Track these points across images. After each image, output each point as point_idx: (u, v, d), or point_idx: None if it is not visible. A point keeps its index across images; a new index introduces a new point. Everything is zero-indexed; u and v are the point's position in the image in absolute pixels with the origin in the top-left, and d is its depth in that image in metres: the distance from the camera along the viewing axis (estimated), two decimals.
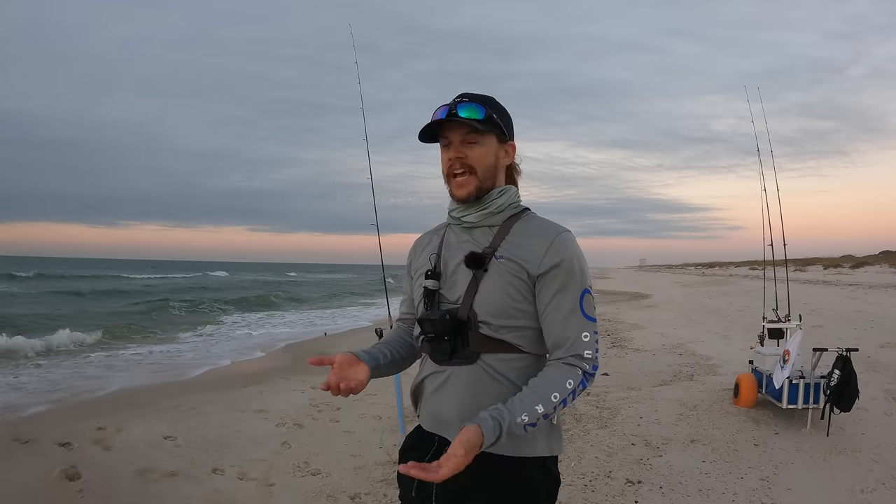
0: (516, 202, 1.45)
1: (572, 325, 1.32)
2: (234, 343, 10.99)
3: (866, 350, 7.21)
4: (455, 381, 1.36)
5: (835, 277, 27.86)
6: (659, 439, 4.25)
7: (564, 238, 1.36)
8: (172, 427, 4.63)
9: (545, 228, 1.38)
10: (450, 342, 1.35)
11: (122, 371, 7.70)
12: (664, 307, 16.68)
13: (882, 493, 3.40)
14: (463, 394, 1.35)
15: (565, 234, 1.37)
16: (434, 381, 1.41)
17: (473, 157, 1.38)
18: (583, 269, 1.35)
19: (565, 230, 1.38)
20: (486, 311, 1.33)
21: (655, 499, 3.33)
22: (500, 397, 1.29)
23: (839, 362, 4.27)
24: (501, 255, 1.35)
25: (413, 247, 1.62)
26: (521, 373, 1.34)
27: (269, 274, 65.70)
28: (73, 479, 3.55)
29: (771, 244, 5.49)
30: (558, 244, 1.34)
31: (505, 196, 1.42)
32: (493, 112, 1.39)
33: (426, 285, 1.42)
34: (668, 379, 6.40)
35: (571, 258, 1.34)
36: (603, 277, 52.30)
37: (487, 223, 1.41)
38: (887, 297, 15.68)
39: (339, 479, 3.64)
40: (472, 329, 1.34)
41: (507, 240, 1.37)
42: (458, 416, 1.33)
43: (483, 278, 1.35)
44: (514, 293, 1.33)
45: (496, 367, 1.34)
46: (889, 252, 48.62)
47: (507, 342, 1.34)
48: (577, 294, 1.33)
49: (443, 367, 1.38)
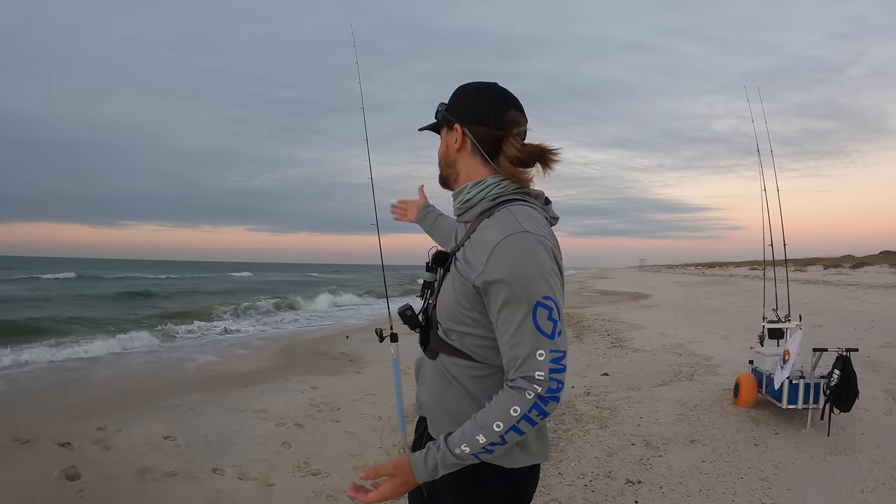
0: (494, 194, 1.30)
1: (520, 343, 1.16)
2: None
3: (866, 350, 7.21)
4: (428, 372, 1.41)
5: (835, 277, 27.86)
6: (659, 439, 4.25)
7: (506, 244, 1.18)
8: (172, 427, 4.63)
9: (493, 231, 1.22)
10: (420, 335, 1.40)
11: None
12: (664, 307, 16.67)
13: (882, 493, 3.41)
14: (431, 385, 1.39)
15: (510, 238, 1.18)
16: (419, 366, 1.47)
17: (439, 152, 1.43)
18: (528, 280, 1.16)
19: (514, 233, 1.19)
20: (440, 313, 1.32)
21: (655, 499, 3.33)
22: (454, 398, 1.31)
23: (839, 362, 4.27)
24: (459, 256, 1.29)
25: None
26: (477, 382, 1.29)
27: (291, 274, 65.95)
28: (73, 479, 3.55)
29: (771, 244, 5.49)
30: (499, 252, 1.18)
31: (475, 189, 1.32)
32: (444, 106, 1.39)
33: (425, 278, 1.44)
34: (668, 379, 6.40)
35: (513, 267, 1.16)
36: (603, 277, 52.32)
37: (464, 219, 1.37)
38: (887, 297, 15.68)
39: (339, 479, 3.64)
40: (434, 328, 1.35)
41: (469, 239, 1.29)
42: (425, 403, 1.41)
43: (445, 278, 1.33)
44: (462, 300, 1.26)
45: (451, 370, 1.32)
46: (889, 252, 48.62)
47: (457, 348, 1.30)
48: (526, 308, 1.16)
49: (425, 357, 1.43)
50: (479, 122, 1.33)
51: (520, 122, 1.34)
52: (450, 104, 1.39)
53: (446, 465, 1.21)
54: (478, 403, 1.26)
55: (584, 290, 28.85)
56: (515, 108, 1.35)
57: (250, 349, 9.83)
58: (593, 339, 9.97)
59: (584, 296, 24.28)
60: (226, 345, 10.32)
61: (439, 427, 1.34)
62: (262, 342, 10.78)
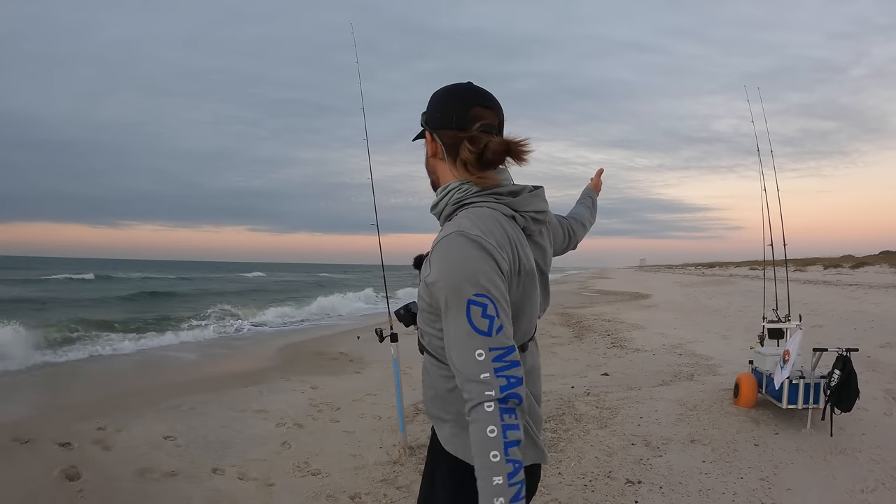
0: (456, 199, 1.29)
1: (461, 347, 1.12)
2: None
3: (866, 350, 7.21)
4: (423, 369, 1.43)
5: (835, 277, 27.87)
6: (659, 439, 4.25)
7: (440, 247, 1.18)
8: (172, 427, 4.63)
9: (440, 233, 1.24)
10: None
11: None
12: (664, 307, 16.67)
13: (882, 493, 3.40)
14: (423, 383, 1.42)
15: (443, 241, 1.18)
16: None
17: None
18: (457, 281, 1.13)
19: (448, 234, 1.19)
20: (419, 315, 1.35)
21: (655, 499, 3.33)
22: (431, 397, 1.38)
23: (839, 362, 4.27)
24: (427, 261, 1.28)
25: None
26: (445, 382, 1.30)
27: (303, 274, 66.07)
28: (73, 479, 3.55)
29: (771, 244, 5.49)
30: (435, 255, 1.19)
31: (440, 195, 1.34)
32: (424, 116, 1.38)
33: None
34: (668, 379, 6.40)
35: (442, 269, 1.16)
36: (603, 277, 52.32)
37: (440, 224, 1.36)
38: (887, 297, 15.68)
39: (339, 479, 3.64)
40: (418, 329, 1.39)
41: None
42: (424, 398, 1.43)
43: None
44: (423, 304, 1.27)
45: (430, 370, 1.36)
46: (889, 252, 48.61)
47: (429, 349, 1.34)
48: (457, 308, 1.13)
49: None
50: (444, 126, 1.32)
51: (484, 117, 1.30)
52: (426, 114, 1.38)
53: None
54: (451, 404, 1.30)
55: (584, 290, 28.85)
56: (481, 104, 1.32)
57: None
58: (593, 339, 9.97)
59: (584, 296, 24.28)
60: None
61: (431, 414, 1.41)
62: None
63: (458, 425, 1.31)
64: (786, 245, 5.49)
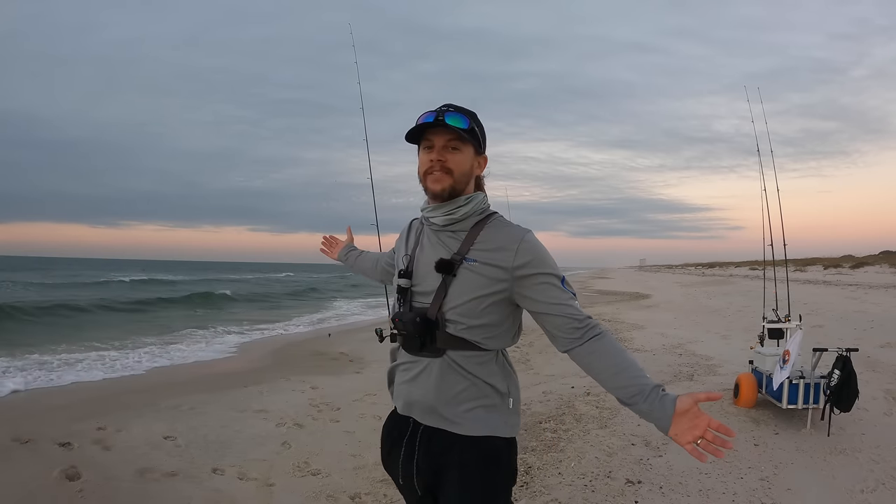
0: (483, 208, 1.57)
1: (566, 305, 1.47)
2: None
3: (866, 350, 7.21)
4: (424, 372, 1.53)
5: (835, 277, 27.87)
6: (659, 439, 4.25)
7: (530, 238, 1.50)
8: (172, 427, 4.63)
9: (511, 232, 1.51)
10: (419, 338, 1.50)
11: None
12: (664, 307, 16.68)
13: (882, 493, 3.41)
14: (430, 383, 1.51)
15: (529, 234, 1.51)
16: (406, 370, 1.58)
17: (453, 162, 1.51)
18: (553, 261, 1.52)
19: (528, 230, 1.52)
20: (454, 313, 1.48)
21: (655, 499, 3.33)
22: (462, 388, 1.50)
23: (839, 362, 4.27)
24: (473, 258, 1.49)
25: (405, 230, 1.75)
26: (482, 367, 1.51)
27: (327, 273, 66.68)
28: (73, 479, 3.55)
29: (771, 244, 5.50)
30: (526, 245, 1.48)
31: (471, 204, 1.54)
32: (475, 125, 1.54)
33: (400, 283, 1.58)
34: (668, 379, 6.40)
35: (543, 254, 1.49)
36: (603, 277, 52.32)
37: (453, 228, 1.54)
38: (887, 297, 15.68)
39: (339, 479, 3.64)
40: (440, 328, 1.49)
41: (476, 244, 1.50)
42: (426, 401, 1.52)
43: (452, 283, 1.49)
44: (482, 295, 1.47)
45: (459, 361, 1.50)
46: (889, 252, 48.60)
47: (470, 340, 1.49)
48: (557, 281, 1.49)
49: (414, 358, 1.55)
50: (485, 153, 1.61)
51: None
52: (481, 132, 1.57)
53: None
54: (483, 383, 1.51)
55: (584, 290, 28.84)
56: None
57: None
58: None
59: (584, 296, 24.27)
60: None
61: (438, 415, 1.51)
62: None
63: (491, 405, 1.52)
64: (786, 245, 5.50)
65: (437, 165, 1.50)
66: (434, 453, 1.52)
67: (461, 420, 1.50)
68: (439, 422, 1.52)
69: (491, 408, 1.52)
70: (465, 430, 1.50)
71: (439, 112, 1.49)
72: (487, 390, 1.51)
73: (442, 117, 1.48)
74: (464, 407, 1.50)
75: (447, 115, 1.48)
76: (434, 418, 1.52)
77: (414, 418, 1.57)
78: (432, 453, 1.52)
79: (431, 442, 1.53)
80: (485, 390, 1.51)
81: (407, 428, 1.58)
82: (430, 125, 1.49)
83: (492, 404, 1.52)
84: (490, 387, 1.51)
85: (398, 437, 1.59)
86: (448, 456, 1.50)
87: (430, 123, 1.49)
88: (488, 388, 1.51)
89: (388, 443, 1.64)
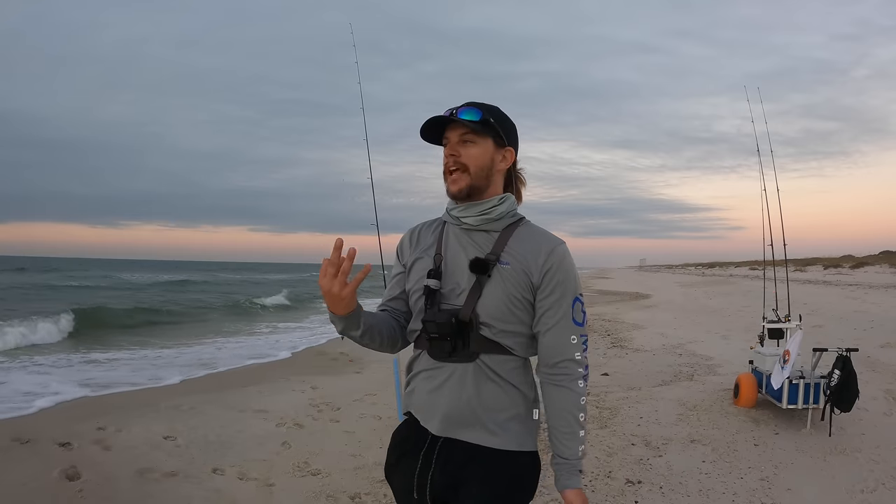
0: (514, 211, 1.52)
1: (564, 330, 1.43)
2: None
3: (866, 350, 7.21)
4: (453, 378, 1.44)
5: (835, 277, 27.86)
6: (659, 439, 4.25)
7: (562, 250, 1.46)
8: (172, 427, 4.63)
9: (545, 239, 1.47)
10: (451, 342, 1.42)
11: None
12: (664, 307, 16.68)
13: (882, 493, 3.41)
14: (460, 390, 1.43)
15: (562, 245, 1.47)
16: (431, 377, 1.48)
17: (467, 156, 1.45)
18: (575, 279, 1.47)
19: (561, 242, 1.48)
20: (488, 315, 1.41)
21: (655, 499, 3.33)
22: (494, 394, 1.42)
23: (839, 362, 4.27)
24: (507, 261, 1.43)
25: (407, 238, 1.62)
26: (513, 373, 1.45)
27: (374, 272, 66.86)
28: (73, 479, 3.55)
29: (771, 244, 5.50)
30: (556, 256, 1.44)
31: (505, 204, 1.48)
32: (491, 117, 1.46)
33: (428, 284, 1.46)
34: (668, 379, 6.40)
35: (567, 270, 1.45)
36: (603, 277, 52.31)
37: (486, 228, 1.48)
38: (887, 297, 15.67)
39: (339, 479, 3.64)
40: (474, 330, 1.42)
41: (509, 247, 1.45)
42: (454, 410, 1.43)
43: (487, 283, 1.42)
44: (514, 299, 1.42)
45: (492, 366, 1.43)
46: (889, 252, 48.54)
47: (503, 345, 1.43)
48: (570, 302, 1.45)
49: (440, 364, 1.45)
50: (515, 148, 1.53)
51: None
52: (501, 124, 1.48)
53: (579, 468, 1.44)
54: (514, 390, 1.45)
55: (584, 290, 28.77)
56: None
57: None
58: (593, 339, 9.96)
59: (585, 295, 24.20)
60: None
61: (466, 426, 1.43)
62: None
63: (521, 414, 1.46)
64: (786, 245, 5.50)
65: (452, 161, 1.45)
66: (453, 467, 1.43)
67: (491, 431, 1.42)
68: (465, 433, 1.43)
69: (521, 418, 1.46)
70: (493, 443, 1.42)
71: (455, 109, 1.45)
72: (518, 398, 1.45)
73: (455, 113, 1.44)
74: (496, 416, 1.42)
75: (461, 111, 1.44)
76: (459, 429, 1.43)
77: (432, 429, 1.47)
78: (451, 466, 1.43)
79: (451, 455, 1.44)
80: (516, 398, 1.45)
81: (424, 439, 1.47)
82: (446, 123, 1.46)
83: (522, 414, 1.46)
84: (521, 394, 1.46)
85: (412, 449, 1.49)
86: (469, 469, 1.42)
87: (443, 119, 1.45)
88: (519, 395, 1.45)
89: (399, 452, 1.53)
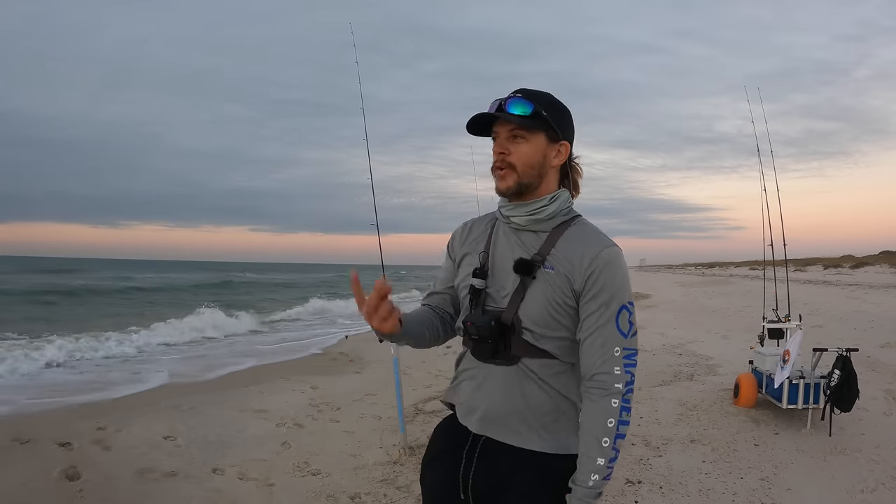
0: (567, 208, 1.43)
1: (604, 340, 1.32)
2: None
3: (866, 350, 7.21)
4: (494, 379, 1.41)
5: (835, 277, 27.85)
6: (659, 439, 4.25)
7: (609, 253, 1.35)
8: (172, 427, 4.63)
9: (593, 242, 1.37)
10: (492, 344, 1.38)
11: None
12: (664, 307, 16.67)
13: (882, 493, 3.41)
14: (501, 392, 1.40)
15: (611, 248, 1.36)
16: (474, 377, 1.45)
17: (516, 154, 1.37)
18: (623, 286, 1.34)
19: (612, 245, 1.37)
20: (529, 319, 1.36)
21: (655, 499, 3.33)
22: (537, 398, 1.38)
23: (839, 362, 4.27)
24: (550, 265, 1.36)
25: (458, 231, 1.58)
26: (558, 377, 1.39)
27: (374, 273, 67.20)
28: (73, 479, 3.55)
29: (771, 244, 5.50)
30: (601, 259, 1.34)
31: (556, 203, 1.40)
32: (544, 109, 1.37)
33: (473, 283, 1.43)
34: (668, 379, 6.40)
35: (614, 274, 1.34)
36: None
37: (535, 228, 1.41)
38: (887, 297, 15.67)
39: (339, 479, 3.64)
40: (516, 334, 1.37)
41: (556, 249, 1.37)
42: (494, 412, 1.40)
43: (530, 286, 1.37)
44: (556, 305, 1.35)
45: (535, 370, 1.38)
46: (889, 252, 48.54)
47: (546, 350, 1.37)
48: (614, 310, 1.33)
49: (483, 364, 1.43)
50: (570, 141, 1.43)
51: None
52: (553, 115, 1.38)
53: (597, 493, 1.31)
54: (558, 394, 1.39)
55: None
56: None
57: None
58: None
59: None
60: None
61: (504, 427, 1.40)
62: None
63: (564, 419, 1.39)
64: (786, 245, 5.50)
65: (500, 159, 1.38)
66: (493, 468, 1.40)
67: (529, 433, 1.38)
68: (502, 433, 1.40)
69: (565, 422, 1.39)
70: (533, 445, 1.38)
71: (504, 100, 1.36)
72: (563, 403, 1.39)
73: (504, 106, 1.35)
74: (538, 419, 1.38)
75: (510, 103, 1.35)
76: (498, 430, 1.41)
77: (471, 427, 1.45)
78: (491, 468, 1.41)
79: (490, 456, 1.41)
80: (560, 403, 1.39)
81: (466, 437, 1.45)
82: (495, 116, 1.37)
83: (567, 418, 1.39)
84: (566, 400, 1.39)
85: (454, 446, 1.46)
86: (510, 475, 1.39)
87: (492, 114, 1.37)
88: (564, 400, 1.39)
89: (441, 445, 1.51)
